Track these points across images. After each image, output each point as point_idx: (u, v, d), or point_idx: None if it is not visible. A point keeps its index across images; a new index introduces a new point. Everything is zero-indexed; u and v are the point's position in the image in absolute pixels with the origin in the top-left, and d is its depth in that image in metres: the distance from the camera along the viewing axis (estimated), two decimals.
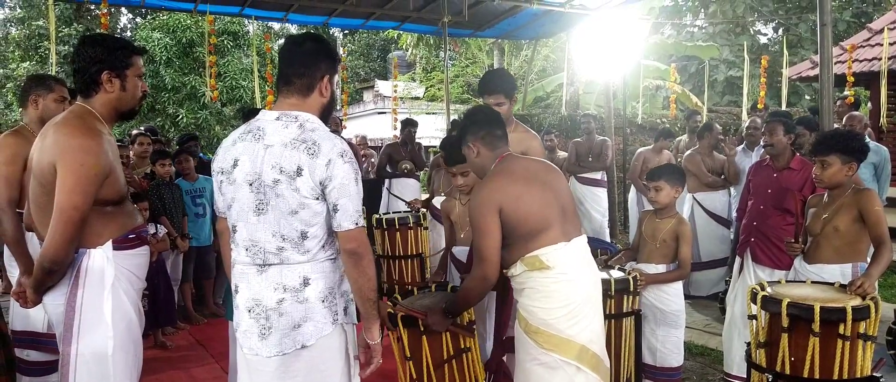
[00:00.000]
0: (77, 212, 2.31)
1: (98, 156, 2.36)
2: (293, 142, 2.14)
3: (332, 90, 2.35)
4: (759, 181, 4.33)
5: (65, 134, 2.35)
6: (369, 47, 29.44)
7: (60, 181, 2.30)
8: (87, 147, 2.33)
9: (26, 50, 18.20)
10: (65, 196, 2.30)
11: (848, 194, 3.37)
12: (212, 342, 5.30)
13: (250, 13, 8.25)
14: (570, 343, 2.63)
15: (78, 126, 2.38)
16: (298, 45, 2.29)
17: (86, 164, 2.32)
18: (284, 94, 2.28)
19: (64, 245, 2.31)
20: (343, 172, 2.13)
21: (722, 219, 6.44)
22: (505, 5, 8.37)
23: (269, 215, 2.17)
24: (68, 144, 2.32)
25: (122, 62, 2.49)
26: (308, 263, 2.20)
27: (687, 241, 3.79)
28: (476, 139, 2.87)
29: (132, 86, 2.54)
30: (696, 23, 23.41)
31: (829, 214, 3.39)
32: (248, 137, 2.23)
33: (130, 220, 2.58)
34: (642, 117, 12.44)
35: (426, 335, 3.02)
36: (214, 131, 16.99)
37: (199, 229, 5.93)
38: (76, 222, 2.31)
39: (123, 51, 2.51)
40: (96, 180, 2.35)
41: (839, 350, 2.68)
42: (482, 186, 2.78)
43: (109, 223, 2.48)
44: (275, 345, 2.19)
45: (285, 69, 2.27)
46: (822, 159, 3.37)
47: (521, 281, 2.74)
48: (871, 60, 10.40)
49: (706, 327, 5.45)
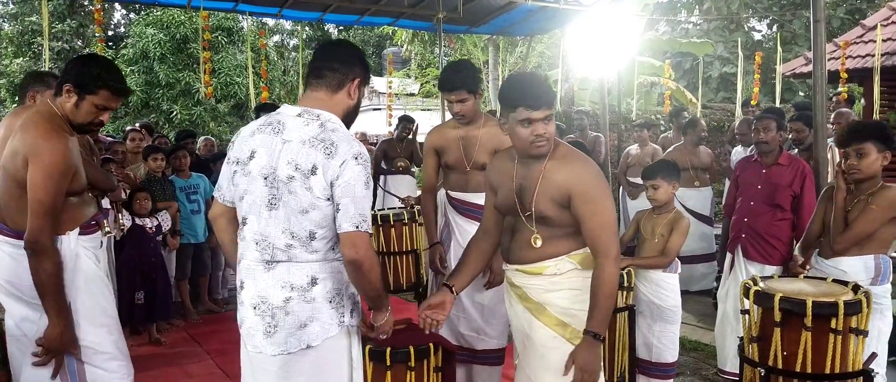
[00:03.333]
0: (46, 205, 2.53)
1: (64, 155, 2.58)
2: (312, 140, 2.12)
3: (360, 98, 2.34)
4: (748, 178, 4.32)
5: (37, 134, 2.56)
6: (364, 43, 29.35)
7: (33, 177, 2.52)
8: (54, 148, 2.55)
9: (19, 46, 18.15)
10: (36, 192, 2.51)
11: (878, 188, 3.23)
12: (207, 339, 5.29)
13: (244, 9, 8.21)
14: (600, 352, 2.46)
15: (47, 128, 2.59)
16: (337, 45, 2.37)
17: (56, 163, 2.55)
18: (313, 87, 2.27)
19: (41, 231, 2.52)
20: (353, 172, 2.10)
21: (704, 217, 6.46)
22: (500, 1, 8.36)
23: (281, 211, 2.15)
24: (40, 144, 2.55)
25: (87, 86, 2.65)
26: (317, 262, 2.18)
27: (680, 232, 3.74)
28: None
29: (85, 111, 2.69)
30: (691, 19, 23.45)
31: (854, 209, 3.26)
32: (267, 129, 2.21)
33: (91, 208, 2.90)
34: (637, 114, 12.48)
35: (390, 370, 2.88)
36: (209, 128, 16.96)
37: (194, 226, 5.92)
38: (49, 213, 2.54)
39: (96, 79, 2.65)
40: (64, 178, 2.59)
41: (831, 344, 2.70)
42: (587, 159, 2.50)
43: (75, 213, 2.74)
44: (280, 344, 2.17)
45: (319, 63, 2.28)
46: (857, 147, 3.20)
47: (560, 282, 2.47)
48: (865, 56, 10.43)
49: (699, 322, 5.48)
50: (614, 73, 10.33)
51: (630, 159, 7.40)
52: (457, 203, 3.62)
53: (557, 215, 2.44)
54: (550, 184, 2.43)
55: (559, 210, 2.43)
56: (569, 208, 2.41)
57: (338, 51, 2.32)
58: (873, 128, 3.28)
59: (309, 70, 2.31)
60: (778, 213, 4.12)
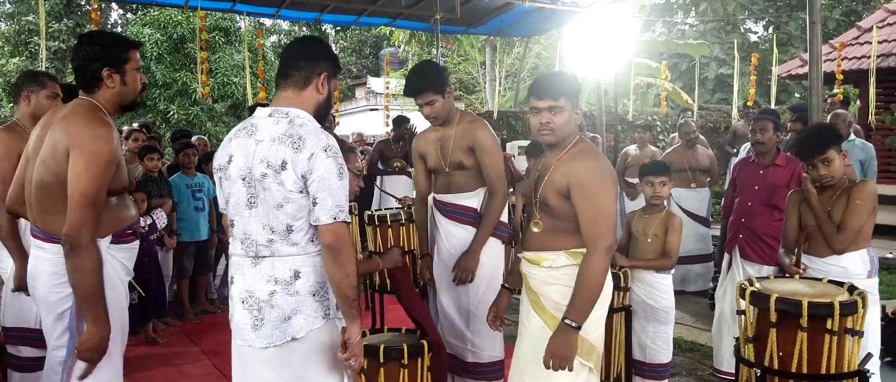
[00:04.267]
0: (93, 195, 2.38)
1: (111, 143, 2.44)
2: (281, 137, 2.17)
3: (330, 90, 2.37)
4: (746, 179, 4.34)
5: (79, 124, 2.43)
6: (361, 44, 29.40)
7: (74, 167, 2.38)
8: (100, 135, 2.42)
9: (16, 45, 18.06)
10: (81, 182, 2.37)
11: (851, 184, 3.35)
12: (204, 338, 5.29)
13: (242, 9, 8.23)
14: (593, 349, 2.55)
15: (90, 117, 2.47)
16: (301, 43, 2.42)
17: (101, 151, 2.40)
18: (281, 87, 2.32)
19: (81, 226, 2.36)
20: (325, 166, 2.14)
21: (700, 218, 6.46)
22: (497, 2, 8.38)
23: (259, 208, 2.21)
24: (83, 132, 2.41)
25: (120, 58, 2.56)
26: (299, 256, 2.22)
27: (676, 231, 3.77)
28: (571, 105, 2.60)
29: (132, 80, 2.61)
30: (687, 21, 23.49)
31: (836, 208, 3.34)
32: (241, 133, 2.29)
33: (128, 214, 2.71)
34: (633, 115, 12.49)
35: (383, 367, 2.92)
36: (206, 128, 16.93)
37: (199, 224, 5.93)
38: (92, 205, 2.37)
39: (121, 46, 2.58)
40: (109, 167, 2.44)
41: (827, 344, 2.70)
42: (599, 156, 2.60)
43: (111, 216, 2.57)
44: (266, 337, 2.22)
45: (285, 63, 2.32)
46: (822, 158, 3.29)
47: (556, 275, 2.56)
48: (860, 58, 10.48)
49: (696, 322, 5.49)
50: (611, 74, 10.34)
51: (629, 160, 7.41)
52: (440, 205, 3.59)
53: (558, 204, 2.55)
54: (557, 173, 2.56)
55: (560, 200, 2.54)
56: (570, 199, 2.51)
57: (302, 49, 2.37)
58: (828, 135, 3.35)
59: (277, 71, 2.35)
60: (775, 213, 4.13)
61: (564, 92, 2.55)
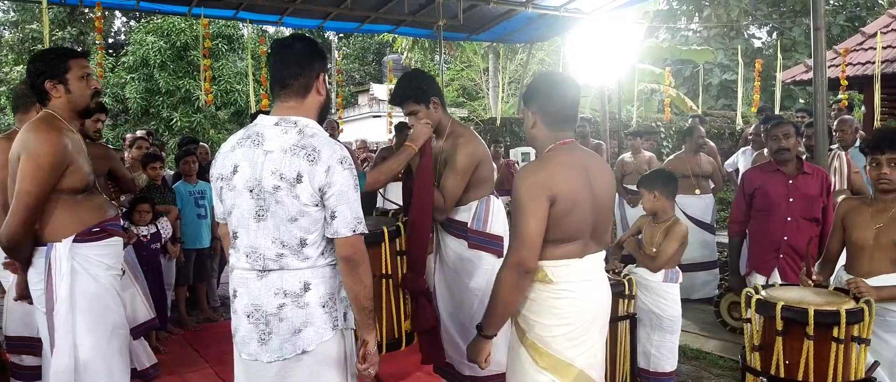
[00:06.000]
0: (31, 196, 2.53)
1: (55, 146, 2.58)
2: (293, 148, 2.12)
3: (328, 88, 2.34)
4: (774, 190, 4.00)
5: (28, 130, 2.62)
6: (364, 51, 29.43)
7: (21, 170, 2.55)
8: (44, 139, 2.57)
9: (20, 54, 18.17)
10: (22, 183, 2.55)
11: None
12: (206, 346, 5.28)
13: (245, 16, 8.24)
14: (569, 367, 2.40)
15: (40, 125, 2.63)
16: (289, 48, 2.26)
17: (42, 153, 2.55)
18: (282, 97, 2.25)
19: (18, 226, 2.55)
20: (342, 178, 2.12)
21: (705, 224, 6.42)
22: (500, 9, 8.38)
23: (269, 221, 2.15)
24: (30, 137, 2.58)
25: (60, 69, 2.72)
26: (308, 268, 2.18)
27: (674, 238, 3.72)
28: (536, 111, 2.50)
29: (77, 87, 2.75)
30: (691, 27, 23.48)
31: (885, 222, 3.00)
32: (246, 142, 2.21)
33: (98, 213, 2.80)
34: (637, 121, 12.47)
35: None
36: (209, 135, 16.97)
37: (201, 231, 5.92)
38: (31, 206, 2.54)
39: (60, 59, 2.74)
40: (52, 169, 2.58)
41: (833, 353, 2.68)
42: (541, 166, 2.41)
43: (74, 215, 2.70)
44: (275, 350, 2.18)
45: (279, 72, 2.25)
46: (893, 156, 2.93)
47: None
48: (865, 63, 10.44)
49: (701, 330, 5.46)
50: (614, 80, 10.34)
51: (625, 167, 7.38)
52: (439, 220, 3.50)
53: None
54: None
55: None
56: None
57: (292, 55, 2.25)
58: None
59: (272, 80, 2.28)
60: (814, 227, 3.82)
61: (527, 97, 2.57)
